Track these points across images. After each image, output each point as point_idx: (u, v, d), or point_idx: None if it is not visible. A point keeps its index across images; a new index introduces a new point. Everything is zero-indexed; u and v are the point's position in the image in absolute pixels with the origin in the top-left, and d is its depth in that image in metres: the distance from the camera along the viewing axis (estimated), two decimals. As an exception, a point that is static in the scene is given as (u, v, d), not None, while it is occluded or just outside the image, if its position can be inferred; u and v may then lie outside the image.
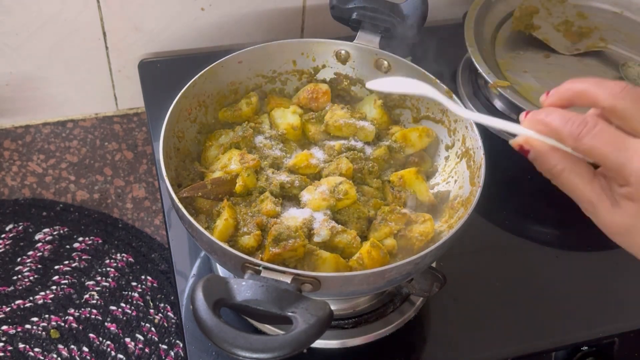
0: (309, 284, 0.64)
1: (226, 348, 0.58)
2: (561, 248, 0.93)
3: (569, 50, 1.07)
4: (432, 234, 0.77)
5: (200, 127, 0.85)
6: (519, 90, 0.98)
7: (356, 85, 0.92)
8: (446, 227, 0.78)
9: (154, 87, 1.06)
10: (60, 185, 1.13)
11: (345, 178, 0.79)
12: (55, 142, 1.15)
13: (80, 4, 1.02)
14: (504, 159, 1.00)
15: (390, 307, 0.82)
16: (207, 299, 0.60)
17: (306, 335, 0.59)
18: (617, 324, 0.85)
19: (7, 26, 1.02)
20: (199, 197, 0.78)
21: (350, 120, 0.85)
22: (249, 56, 0.88)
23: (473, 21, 1.04)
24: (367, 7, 0.90)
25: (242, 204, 0.77)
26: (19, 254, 1.05)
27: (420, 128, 0.86)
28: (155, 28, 1.09)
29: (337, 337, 0.80)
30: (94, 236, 1.08)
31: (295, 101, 0.90)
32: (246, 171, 0.78)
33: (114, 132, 1.17)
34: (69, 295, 1.02)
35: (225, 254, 0.67)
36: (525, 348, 0.83)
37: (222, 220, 0.74)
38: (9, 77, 1.08)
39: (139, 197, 1.14)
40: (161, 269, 1.06)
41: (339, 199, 0.76)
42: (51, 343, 0.97)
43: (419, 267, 0.70)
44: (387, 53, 0.88)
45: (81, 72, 1.11)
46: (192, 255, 0.89)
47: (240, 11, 1.11)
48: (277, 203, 0.76)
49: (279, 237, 0.71)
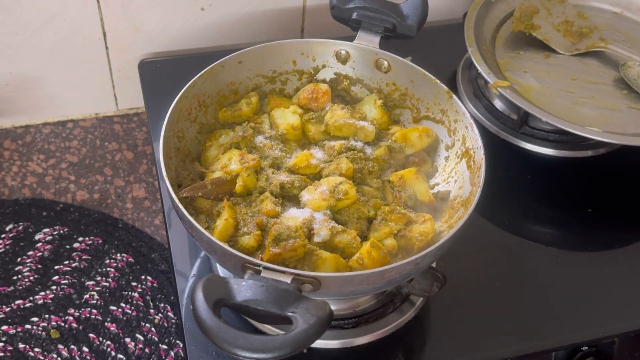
0: (309, 284, 0.64)
1: (226, 348, 0.58)
2: (561, 248, 0.93)
3: (569, 50, 1.07)
4: (432, 234, 0.77)
5: (200, 127, 0.85)
6: (519, 90, 0.98)
7: (356, 85, 0.92)
8: (446, 227, 0.78)
9: (154, 87, 1.06)
10: (60, 185, 1.13)
11: (345, 178, 0.79)
12: (55, 142, 1.15)
13: (80, 4, 1.02)
14: (504, 159, 1.01)
15: (390, 307, 0.82)
16: (207, 299, 0.60)
17: (306, 335, 0.59)
18: (617, 324, 0.85)
19: (7, 26, 1.02)
20: (199, 197, 0.78)
21: (350, 120, 0.85)
22: (249, 56, 0.88)
23: (473, 21, 1.04)
24: (367, 7, 0.90)
25: (242, 204, 0.77)
26: (19, 254, 1.05)
27: (420, 128, 0.86)
28: (155, 28, 1.09)
29: (337, 337, 0.80)
30: (94, 236, 1.08)
31: (295, 101, 0.90)
32: (246, 171, 0.78)
33: (114, 132, 1.17)
34: (69, 295, 1.02)
35: (225, 254, 0.67)
36: (525, 348, 0.83)
37: (222, 220, 0.74)
38: (9, 77, 1.08)
39: (139, 197, 1.14)
40: (161, 269, 1.06)
41: (338, 199, 0.76)
42: (51, 343, 0.97)
43: (419, 267, 0.70)
44: (387, 53, 0.88)
45: (81, 72, 1.11)
46: (192, 255, 0.89)
47: (240, 11, 1.11)
48: (277, 203, 0.76)
49: (279, 237, 0.71)
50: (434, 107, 0.87)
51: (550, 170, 1.02)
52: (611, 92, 1.01)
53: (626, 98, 1.00)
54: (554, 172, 1.02)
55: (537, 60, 1.05)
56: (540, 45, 1.07)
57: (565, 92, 1.00)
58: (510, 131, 1.02)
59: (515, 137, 1.02)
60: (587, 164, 1.01)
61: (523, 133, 1.01)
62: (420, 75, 0.86)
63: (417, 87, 0.88)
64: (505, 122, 1.03)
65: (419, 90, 0.88)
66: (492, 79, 0.96)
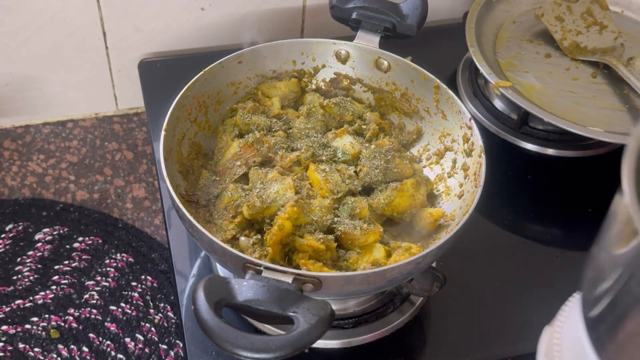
0: (310, 283, 0.64)
1: (228, 348, 0.58)
2: (561, 248, 0.93)
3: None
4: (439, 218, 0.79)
5: (198, 127, 0.85)
6: (521, 91, 0.98)
7: (356, 84, 0.92)
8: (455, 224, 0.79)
9: (154, 87, 1.06)
10: (60, 185, 1.13)
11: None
12: (55, 142, 1.15)
13: (80, 4, 1.02)
14: (504, 159, 1.01)
15: (390, 307, 0.82)
16: (209, 299, 0.60)
17: (308, 335, 0.59)
18: (617, 323, 0.85)
19: (7, 26, 1.02)
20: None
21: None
22: (249, 56, 0.88)
23: (474, 21, 1.04)
24: (367, 7, 0.90)
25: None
26: (19, 254, 1.05)
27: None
28: (155, 28, 1.09)
29: (337, 337, 0.80)
30: (94, 236, 1.08)
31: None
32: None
33: (114, 132, 1.17)
34: (69, 295, 1.02)
35: (225, 254, 0.67)
36: (525, 348, 0.83)
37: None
38: (9, 77, 1.08)
39: (139, 197, 1.14)
40: (161, 269, 1.06)
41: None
42: (51, 343, 0.97)
43: (420, 266, 0.70)
44: (387, 53, 0.88)
45: (81, 72, 1.11)
46: (192, 255, 0.89)
47: (240, 11, 1.11)
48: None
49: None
50: (434, 107, 0.87)
51: (550, 170, 1.02)
52: (612, 92, 1.01)
53: (627, 98, 1.00)
54: (554, 172, 1.02)
55: (539, 60, 1.05)
56: (541, 45, 1.07)
57: (566, 92, 1.00)
58: (510, 131, 1.02)
59: (515, 137, 1.01)
60: (587, 164, 1.01)
61: (523, 133, 1.01)
62: (420, 75, 0.86)
63: (417, 87, 0.88)
64: (505, 122, 1.03)
65: (419, 90, 0.88)
66: (494, 79, 0.96)
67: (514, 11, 1.12)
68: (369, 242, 0.75)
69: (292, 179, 0.77)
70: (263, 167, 0.80)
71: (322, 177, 0.78)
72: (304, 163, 0.81)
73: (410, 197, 0.79)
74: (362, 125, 0.86)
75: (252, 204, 0.75)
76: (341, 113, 0.87)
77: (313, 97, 0.90)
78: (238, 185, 0.79)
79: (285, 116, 0.87)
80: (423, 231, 0.80)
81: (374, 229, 0.75)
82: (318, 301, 0.62)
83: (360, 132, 0.86)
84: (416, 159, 0.88)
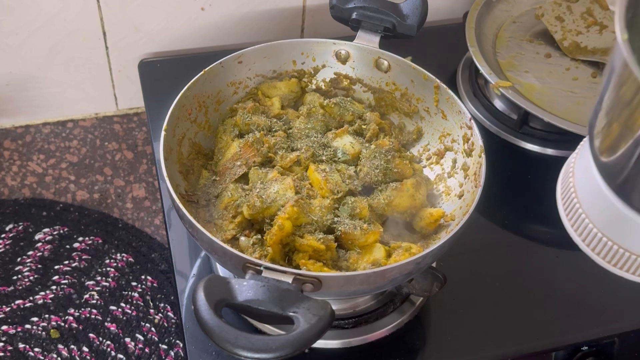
0: (310, 283, 0.64)
1: (228, 348, 0.58)
2: (561, 248, 0.92)
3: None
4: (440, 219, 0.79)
5: (198, 127, 0.85)
6: (521, 91, 0.98)
7: (356, 84, 0.92)
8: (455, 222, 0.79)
9: (154, 87, 1.06)
10: (60, 185, 1.13)
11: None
12: (55, 142, 1.15)
13: (80, 4, 1.02)
14: (504, 159, 1.01)
15: (390, 307, 0.83)
16: (209, 299, 0.60)
17: (308, 335, 0.59)
18: (617, 324, 0.85)
19: (7, 26, 1.02)
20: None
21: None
22: (249, 56, 0.88)
23: (474, 21, 1.04)
24: (367, 7, 0.90)
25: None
26: (19, 254, 1.05)
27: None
28: (155, 28, 1.09)
29: (337, 337, 0.80)
30: (94, 236, 1.08)
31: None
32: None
33: (114, 132, 1.17)
34: (69, 295, 1.02)
35: (225, 254, 0.67)
36: (525, 348, 0.83)
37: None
38: (9, 77, 1.08)
39: (139, 197, 1.14)
40: (161, 269, 1.06)
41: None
42: (51, 343, 0.97)
43: (420, 266, 0.70)
44: (387, 53, 0.88)
45: (81, 72, 1.11)
46: (192, 255, 0.89)
47: (240, 11, 1.11)
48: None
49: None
50: (434, 107, 0.87)
51: (550, 170, 1.01)
52: (612, 92, 1.01)
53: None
54: (554, 172, 1.01)
55: (539, 60, 1.05)
56: (541, 45, 1.07)
57: (566, 92, 1.00)
58: (510, 131, 1.02)
59: (515, 137, 1.01)
60: (587, 164, 1.01)
61: (523, 133, 1.01)
62: (421, 75, 0.86)
63: (417, 87, 0.88)
64: (505, 122, 1.03)
65: (419, 90, 0.88)
66: (494, 79, 0.96)
67: (514, 11, 1.12)
68: (369, 242, 0.75)
69: (292, 179, 0.77)
70: (263, 167, 0.80)
71: (322, 177, 0.78)
72: (304, 163, 0.81)
73: (410, 197, 0.79)
74: (362, 126, 0.86)
75: (252, 204, 0.75)
76: (341, 113, 0.87)
77: (313, 97, 0.90)
78: (238, 185, 0.79)
79: (285, 116, 0.87)
80: (423, 231, 0.80)
81: (374, 229, 0.75)
82: (318, 301, 0.62)
83: (360, 132, 0.86)
84: (416, 159, 0.88)
